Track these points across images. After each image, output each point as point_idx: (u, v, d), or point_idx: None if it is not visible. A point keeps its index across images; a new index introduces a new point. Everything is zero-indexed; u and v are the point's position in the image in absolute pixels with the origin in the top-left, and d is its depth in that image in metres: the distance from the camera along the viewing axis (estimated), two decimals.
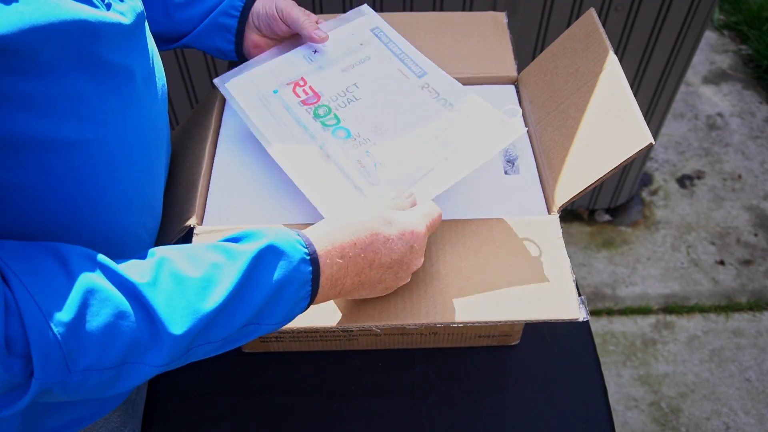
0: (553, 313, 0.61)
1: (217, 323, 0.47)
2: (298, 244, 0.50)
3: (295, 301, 0.51)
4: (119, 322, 0.43)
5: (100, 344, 0.42)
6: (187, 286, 0.46)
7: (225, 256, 0.48)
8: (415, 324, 0.61)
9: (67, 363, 0.41)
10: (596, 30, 0.74)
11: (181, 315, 0.45)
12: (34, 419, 0.61)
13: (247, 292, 0.48)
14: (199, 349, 0.48)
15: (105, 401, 0.67)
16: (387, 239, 0.55)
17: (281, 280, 0.49)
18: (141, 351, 0.44)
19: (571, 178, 0.69)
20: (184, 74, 1.40)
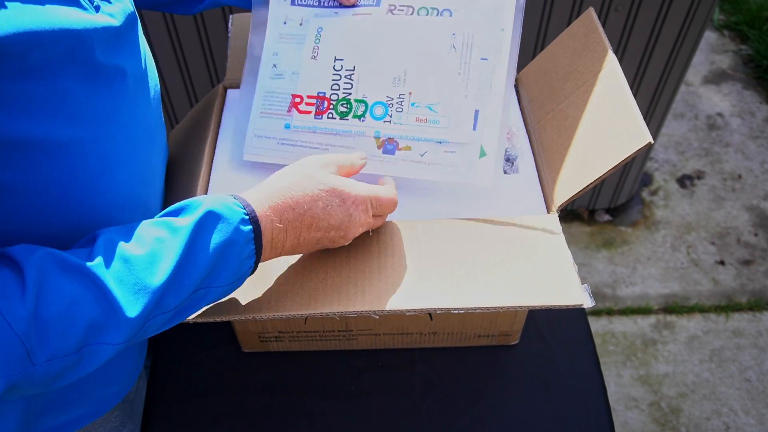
0: (556, 300, 0.61)
1: (168, 294, 0.48)
2: (235, 206, 0.52)
3: (240, 260, 0.52)
4: (74, 308, 0.44)
5: (58, 332, 0.43)
6: (135, 264, 0.47)
7: (167, 229, 0.49)
8: (414, 310, 0.61)
9: (30, 357, 0.42)
10: (595, 29, 0.74)
11: (134, 292, 0.46)
12: (32, 420, 0.61)
13: (192, 260, 0.49)
14: (154, 321, 0.49)
15: (104, 401, 0.67)
16: (326, 206, 0.56)
17: (223, 243, 0.50)
18: (99, 332, 0.45)
19: (570, 177, 0.69)
20: (184, 74, 1.40)
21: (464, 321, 0.76)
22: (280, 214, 0.54)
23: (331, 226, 0.57)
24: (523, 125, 0.81)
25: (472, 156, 0.70)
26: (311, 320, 0.75)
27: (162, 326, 0.52)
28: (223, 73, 0.87)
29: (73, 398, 0.63)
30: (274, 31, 0.77)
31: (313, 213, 0.56)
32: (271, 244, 0.55)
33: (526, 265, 0.64)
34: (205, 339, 0.83)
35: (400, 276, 0.63)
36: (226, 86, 0.86)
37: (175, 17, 1.28)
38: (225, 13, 1.28)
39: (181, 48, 1.34)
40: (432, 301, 0.61)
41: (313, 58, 0.74)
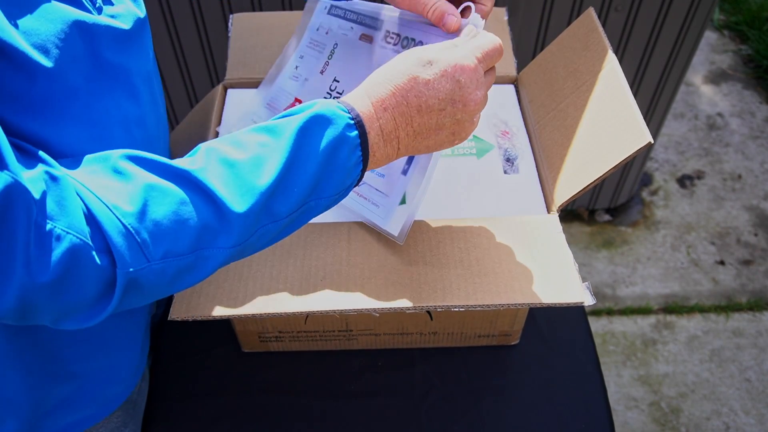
0: (557, 298, 0.61)
1: (276, 199, 0.48)
2: (340, 110, 0.50)
3: (349, 167, 0.51)
4: (183, 208, 0.44)
5: (170, 232, 0.44)
6: (240, 168, 0.46)
7: (270, 135, 0.48)
8: (415, 308, 0.61)
9: (144, 252, 0.43)
10: (595, 29, 0.74)
11: (241, 194, 0.46)
12: (36, 422, 0.61)
13: (299, 163, 0.48)
14: (267, 228, 0.49)
15: (107, 402, 0.67)
16: (427, 81, 0.52)
17: (330, 147, 0.49)
18: (211, 234, 0.46)
19: (570, 177, 0.69)
20: (184, 74, 1.40)
21: (464, 321, 0.76)
22: (383, 103, 0.52)
23: (442, 101, 0.53)
24: (523, 125, 0.81)
25: (395, 200, 0.66)
26: (311, 320, 0.75)
27: (277, 236, 0.51)
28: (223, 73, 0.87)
29: (78, 400, 0.63)
30: (308, 35, 0.79)
31: (417, 92, 0.52)
32: (384, 138, 0.52)
33: (526, 264, 0.64)
34: (205, 339, 0.83)
35: (400, 275, 0.64)
36: (226, 86, 0.86)
37: (175, 17, 1.28)
38: (225, 13, 1.28)
39: (181, 48, 1.34)
40: (432, 299, 0.61)
41: (321, 72, 0.76)
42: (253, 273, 0.64)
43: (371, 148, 0.52)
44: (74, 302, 0.43)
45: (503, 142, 0.79)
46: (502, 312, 0.75)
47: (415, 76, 0.52)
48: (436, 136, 0.55)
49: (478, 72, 0.54)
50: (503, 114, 0.82)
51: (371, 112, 0.52)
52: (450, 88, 0.53)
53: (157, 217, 0.43)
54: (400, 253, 0.66)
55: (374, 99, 0.52)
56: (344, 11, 0.76)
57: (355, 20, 0.74)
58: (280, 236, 0.52)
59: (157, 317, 0.85)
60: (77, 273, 0.41)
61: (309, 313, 0.61)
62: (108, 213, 0.42)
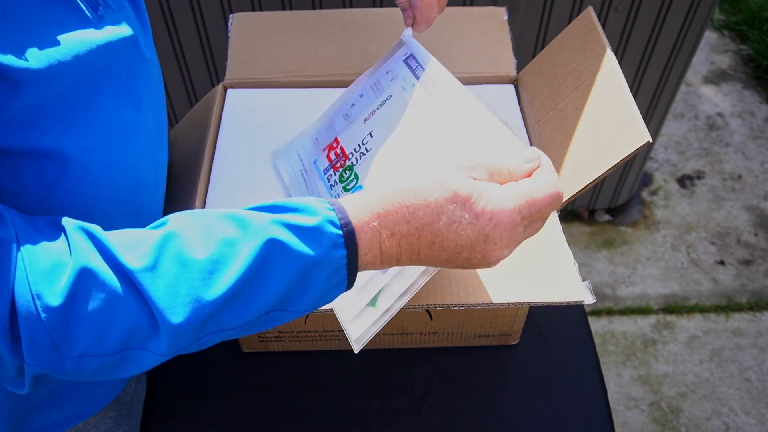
0: (557, 296, 0.61)
1: (227, 311, 0.42)
2: (330, 224, 0.43)
3: (328, 288, 0.44)
4: (113, 308, 0.40)
5: (93, 331, 0.40)
6: (191, 270, 0.41)
7: (240, 229, 0.42)
8: (414, 306, 0.61)
9: (59, 348, 0.40)
10: (594, 29, 0.74)
11: (182, 303, 0.41)
12: (20, 419, 0.60)
13: (263, 280, 0.42)
14: (213, 336, 0.44)
15: (94, 400, 0.67)
16: (452, 221, 0.44)
17: (306, 266, 0.42)
18: (141, 338, 0.42)
19: (569, 177, 0.69)
20: (184, 74, 1.40)
21: (464, 321, 0.76)
22: (392, 226, 0.44)
23: (460, 247, 0.45)
24: (523, 125, 0.81)
25: (365, 296, 0.58)
26: (311, 320, 0.75)
27: (232, 337, 0.46)
28: (223, 73, 0.87)
29: (62, 397, 0.63)
30: (377, 75, 0.72)
31: (434, 229, 0.44)
32: (381, 259, 0.45)
33: (526, 263, 0.64)
34: None
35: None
36: (226, 86, 0.86)
37: (175, 17, 1.28)
38: (225, 13, 1.28)
39: (181, 48, 1.34)
40: (432, 298, 0.61)
41: (364, 120, 0.69)
42: None
43: (364, 265, 0.45)
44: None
45: None
46: (501, 312, 0.74)
47: (439, 208, 0.44)
48: (441, 266, 0.49)
49: (515, 231, 0.45)
50: (503, 114, 0.82)
51: (375, 230, 0.44)
52: (473, 238, 0.44)
53: (82, 313, 0.40)
54: None
55: (383, 217, 0.44)
56: (417, 65, 0.67)
57: (418, 77, 0.66)
58: (233, 337, 0.46)
59: None
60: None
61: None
62: (29, 302, 0.39)
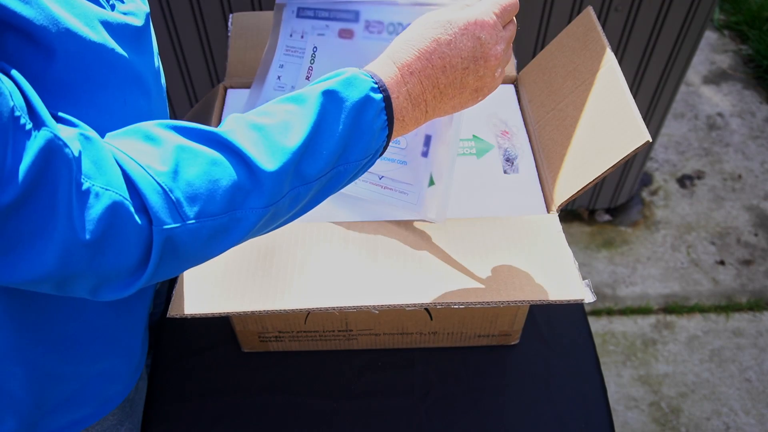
0: (558, 295, 0.61)
1: (305, 161, 0.48)
2: (364, 75, 0.51)
3: (374, 131, 0.51)
4: (215, 169, 0.45)
5: (203, 192, 0.44)
6: (268, 131, 0.47)
7: (295, 103, 0.49)
8: (414, 305, 0.61)
9: (178, 211, 0.43)
10: (594, 28, 0.74)
11: (271, 153, 0.46)
12: (35, 422, 0.61)
13: (326, 125, 0.49)
14: (298, 191, 0.49)
15: (106, 400, 0.67)
16: (449, 41, 0.53)
17: (355, 109, 0.49)
18: (243, 194, 0.46)
19: (570, 176, 0.69)
20: (184, 74, 1.40)
21: (464, 321, 0.76)
22: (410, 68, 0.52)
23: (465, 59, 0.54)
24: (523, 125, 0.81)
25: (422, 184, 0.66)
26: (311, 320, 0.75)
27: (308, 203, 0.52)
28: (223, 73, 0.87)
29: (77, 398, 0.63)
30: (283, 42, 0.77)
31: (441, 53, 0.53)
32: (411, 102, 0.53)
33: (526, 262, 0.64)
34: (205, 339, 0.83)
35: (400, 272, 0.64)
36: (226, 86, 0.86)
37: (175, 17, 1.28)
38: (225, 13, 1.28)
39: (181, 48, 1.34)
40: (432, 297, 0.61)
41: (306, 78, 0.74)
42: (253, 270, 0.64)
43: (400, 113, 0.53)
44: (114, 266, 0.43)
45: (503, 141, 0.79)
46: (501, 311, 0.74)
47: (437, 38, 0.53)
48: (460, 96, 0.56)
49: (497, 27, 0.55)
50: (503, 114, 0.82)
51: (398, 76, 0.52)
52: (471, 46, 0.53)
53: (190, 177, 0.44)
54: (399, 252, 0.66)
55: (399, 64, 0.53)
56: (314, 11, 0.74)
57: (328, 17, 0.73)
58: (310, 204, 0.52)
59: (156, 317, 0.85)
60: (118, 231, 0.41)
61: (309, 310, 0.61)
62: (142, 173, 0.42)
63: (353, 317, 0.75)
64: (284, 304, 0.61)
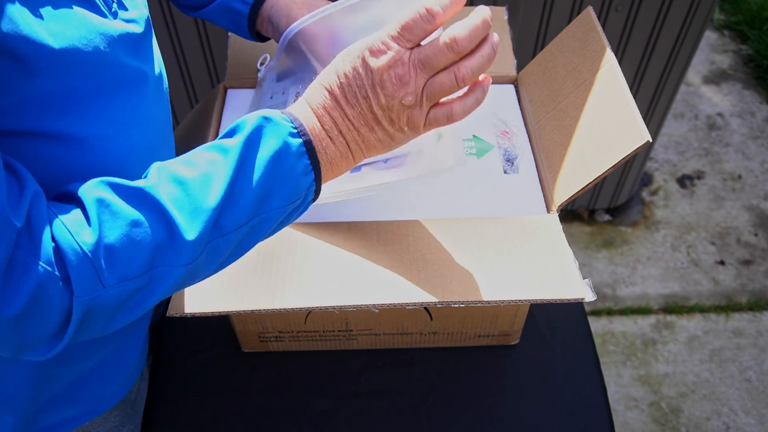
0: (558, 294, 0.61)
1: (224, 213, 0.48)
2: (283, 120, 0.51)
3: (296, 176, 0.51)
4: (136, 230, 0.45)
5: (125, 255, 0.44)
6: (189, 186, 0.47)
7: (218, 152, 0.49)
8: (414, 303, 0.61)
9: (100, 278, 0.43)
10: (594, 28, 0.74)
11: (190, 212, 0.46)
12: (31, 417, 0.61)
13: (243, 176, 0.49)
14: (217, 243, 0.49)
15: (102, 399, 0.67)
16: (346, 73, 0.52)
17: (273, 157, 0.49)
18: (163, 253, 0.46)
19: (570, 176, 0.69)
20: (184, 74, 1.40)
21: (464, 321, 0.76)
22: (322, 105, 0.52)
23: (361, 88, 0.52)
24: (523, 125, 0.81)
25: (430, 141, 0.65)
26: (311, 320, 0.75)
27: (232, 253, 0.51)
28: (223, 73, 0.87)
29: (73, 395, 0.64)
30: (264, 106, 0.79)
31: (340, 85, 0.52)
32: (329, 137, 0.53)
33: (526, 261, 0.64)
34: (205, 339, 0.83)
35: (400, 271, 0.64)
36: (226, 86, 0.86)
37: (175, 17, 1.28)
38: None
39: (181, 48, 1.34)
40: (432, 296, 0.61)
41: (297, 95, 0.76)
42: (252, 269, 0.64)
43: (325, 153, 0.52)
44: (33, 334, 0.43)
45: (503, 142, 0.79)
46: (501, 311, 0.75)
47: (337, 71, 0.53)
48: (379, 128, 0.54)
49: (387, 50, 0.50)
50: (503, 114, 0.82)
51: (311, 116, 0.52)
52: (363, 74, 0.51)
53: (112, 240, 0.44)
54: (400, 251, 0.66)
55: (312, 104, 0.53)
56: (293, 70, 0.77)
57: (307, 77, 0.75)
58: (236, 253, 0.52)
59: (157, 317, 0.85)
60: (40, 304, 0.42)
61: (309, 309, 0.61)
62: (71, 241, 0.42)
63: (353, 317, 0.75)
64: (284, 303, 0.61)
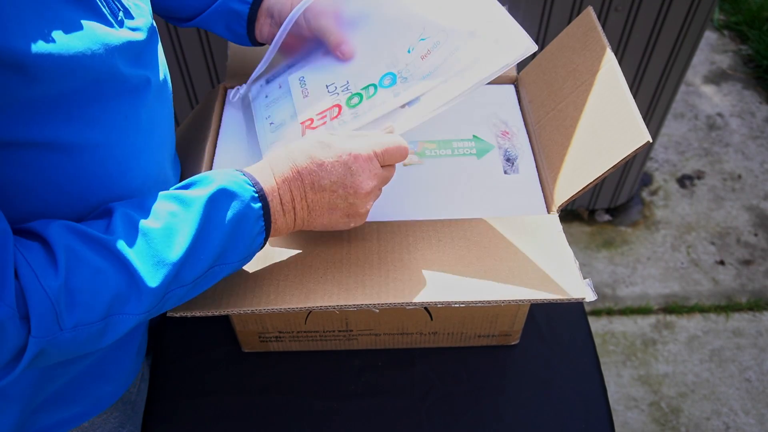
0: (559, 294, 0.61)
1: (185, 268, 0.50)
2: (246, 183, 0.54)
3: (252, 236, 0.55)
4: (98, 278, 0.46)
5: (85, 301, 0.46)
6: (152, 238, 0.49)
7: (180, 205, 0.51)
8: (414, 303, 0.61)
9: (59, 321, 0.45)
10: (594, 28, 0.74)
11: (152, 265, 0.48)
12: (28, 417, 0.61)
13: (207, 235, 0.51)
14: (173, 293, 0.51)
15: (99, 400, 0.67)
16: (321, 163, 0.57)
17: (236, 219, 0.52)
18: (122, 302, 0.48)
19: (570, 177, 0.69)
20: (184, 74, 1.40)
21: (464, 321, 0.76)
22: (283, 177, 0.56)
23: (334, 183, 0.57)
24: (523, 125, 0.81)
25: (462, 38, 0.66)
26: (311, 320, 0.75)
27: (180, 299, 0.53)
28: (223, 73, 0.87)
29: (69, 396, 0.64)
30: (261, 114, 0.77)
31: (311, 170, 0.57)
32: (282, 208, 0.57)
33: (527, 261, 0.64)
34: (205, 339, 0.83)
35: (401, 271, 0.64)
36: (226, 86, 0.86)
37: None
38: None
39: (181, 48, 1.34)
40: (432, 296, 0.61)
41: (305, 97, 0.73)
42: (252, 269, 0.64)
43: (274, 217, 0.56)
44: None
45: (503, 142, 0.79)
46: (502, 312, 0.75)
47: (312, 157, 0.57)
48: (330, 215, 0.60)
49: (372, 163, 0.58)
50: (503, 114, 0.82)
51: (273, 185, 0.56)
52: (341, 173, 0.57)
53: (75, 286, 0.45)
54: (400, 251, 0.66)
55: (276, 174, 0.56)
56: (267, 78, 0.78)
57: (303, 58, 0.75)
58: (183, 299, 0.54)
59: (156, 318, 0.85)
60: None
61: (309, 308, 0.61)
62: (35, 283, 0.43)
63: (353, 317, 0.75)
64: (284, 303, 0.61)
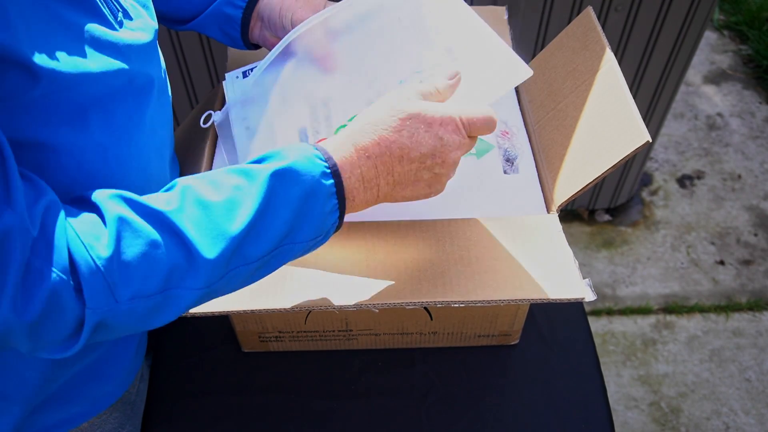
0: (558, 293, 0.61)
1: (248, 243, 0.48)
2: (317, 158, 0.51)
3: (324, 215, 0.52)
4: (153, 251, 0.45)
5: (139, 273, 0.45)
6: (213, 211, 0.47)
7: (245, 177, 0.49)
8: (414, 303, 0.61)
9: (113, 293, 0.44)
10: (594, 28, 0.74)
11: (212, 238, 0.46)
12: (27, 417, 0.61)
13: (272, 210, 0.49)
14: (239, 271, 0.49)
15: (99, 400, 0.67)
16: (412, 134, 0.54)
17: (304, 195, 0.50)
18: (180, 276, 0.46)
19: (569, 177, 0.69)
20: (184, 74, 1.40)
21: (464, 321, 0.76)
22: (367, 151, 0.53)
23: (423, 155, 0.54)
24: (523, 125, 0.81)
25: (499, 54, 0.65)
26: (311, 320, 0.75)
27: (247, 279, 0.51)
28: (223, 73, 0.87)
29: (68, 396, 0.64)
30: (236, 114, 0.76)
31: (401, 143, 0.53)
32: (363, 184, 0.53)
33: (527, 261, 0.64)
34: (205, 339, 0.83)
35: (401, 272, 0.64)
36: None
37: None
38: None
39: (181, 48, 1.34)
40: (432, 295, 0.61)
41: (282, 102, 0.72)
42: None
43: (351, 193, 0.53)
44: (48, 337, 0.44)
45: (503, 142, 0.79)
46: (501, 311, 0.75)
47: (399, 127, 0.53)
48: (413, 187, 0.57)
49: (461, 133, 0.56)
50: (503, 114, 0.82)
51: (353, 158, 0.53)
52: (432, 144, 0.54)
53: (128, 258, 0.44)
54: (400, 251, 0.66)
55: (358, 146, 0.53)
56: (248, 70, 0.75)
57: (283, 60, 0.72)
58: (254, 278, 0.52)
59: None
60: (54, 311, 0.42)
61: (309, 308, 0.61)
62: (84, 254, 0.43)
63: (353, 317, 0.75)
64: (284, 303, 0.61)
